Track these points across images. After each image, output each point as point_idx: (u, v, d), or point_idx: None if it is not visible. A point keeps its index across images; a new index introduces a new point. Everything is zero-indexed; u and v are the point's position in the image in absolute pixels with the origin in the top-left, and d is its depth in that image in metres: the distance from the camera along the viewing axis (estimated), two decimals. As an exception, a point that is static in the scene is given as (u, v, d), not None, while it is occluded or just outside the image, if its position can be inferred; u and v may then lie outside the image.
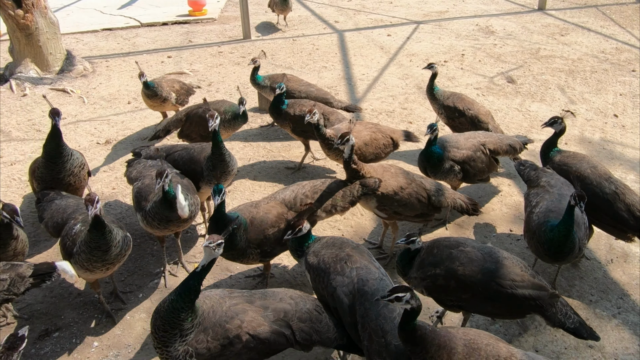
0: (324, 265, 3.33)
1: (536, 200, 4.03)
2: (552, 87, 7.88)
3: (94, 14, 11.99)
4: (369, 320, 3.04)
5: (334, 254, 3.38)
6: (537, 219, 3.83)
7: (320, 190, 4.14)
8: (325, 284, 3.28)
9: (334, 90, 7.85)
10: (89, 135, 6.70)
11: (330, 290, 3.23)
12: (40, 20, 7.95)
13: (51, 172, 4.37)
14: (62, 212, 3.97)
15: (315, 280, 3.36)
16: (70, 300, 4.14)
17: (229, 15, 11.97)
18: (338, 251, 3.41)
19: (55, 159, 4.35)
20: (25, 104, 7.48)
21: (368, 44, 9.87)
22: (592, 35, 10.09)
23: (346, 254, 3.37)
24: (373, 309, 3.06)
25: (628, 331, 3.79)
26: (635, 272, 4.35)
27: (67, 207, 4.03)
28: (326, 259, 3.36)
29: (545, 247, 3.70)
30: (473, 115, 5.58)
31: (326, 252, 3.41)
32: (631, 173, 5.69)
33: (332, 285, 3.22)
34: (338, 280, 3.23)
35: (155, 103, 6.35)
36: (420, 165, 4.85)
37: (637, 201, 4.10)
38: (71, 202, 4.14)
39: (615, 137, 6.46)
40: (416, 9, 12.32)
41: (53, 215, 3.98)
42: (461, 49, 9.56)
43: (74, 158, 4.46)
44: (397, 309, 2.97)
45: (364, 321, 3.06)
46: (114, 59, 9.30)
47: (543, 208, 3.89)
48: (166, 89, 6.34)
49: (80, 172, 4.53)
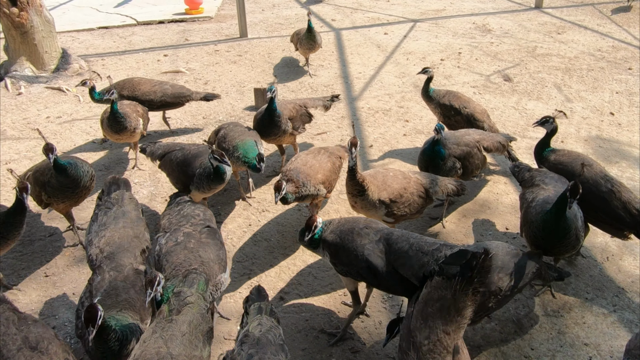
0: (347, 236, 3.48)
1: (532, 197, 4.03)
2: (548, 85, 7.88)
3: (89, 12, 11.94)
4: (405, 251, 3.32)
5: (351, 227, 3.54)
6: (534, 211, 3.85)
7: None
8: (352, 250, 3.41)
9: (331, 89, 7.84)
10: (85, 133, 6.67)
11: (360, 252, 3.39)
12: (35, 19, 7.91)
13: (64, 192, 4.34)
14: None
15: (339, 254, 3.48)
16: (65, 300, 4.12)
17: (226, 13, 11.94)
18: (354, 224, 3.56)
19: (69, 184, 4.31)
20: (21, 103, 7.45)
21: (365, 43, 9.86)
22: (589, 34, 10.09)
23: (364, 225, 3.55)
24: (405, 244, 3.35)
25: (624, 329, 3.79)
26: (630, 270, 4.35)
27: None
28: (345, 231, 3.51)
29: (540, 232, 3.71)
30: (469, 113, 5.59)
31: (344, 228, 3.55)
32: (627, 171, 5.69)
33: (360, 249, 3.40)
34: (364, 242, 3.42)
35: (124, 136, 5.51)
36: (422, 165, 4.84)
37: (633, 199, 4.10)
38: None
39: (611, 135, 6.47)
40: (413, 7, 12.30)
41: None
42: (458, 47, 9.56)
43: (84, 175, 4.38)
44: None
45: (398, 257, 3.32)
46: (110, 57, 9.26)
47: (540, 201, 3.91)
48: (133, 116, 5.50)
49: (92, 184, 4.52)
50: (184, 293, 2.99)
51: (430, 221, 4.97)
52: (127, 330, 3.00)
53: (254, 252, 4.64)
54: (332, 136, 6.56)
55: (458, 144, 4.82)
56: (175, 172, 4.58)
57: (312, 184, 4.36)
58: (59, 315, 3.97)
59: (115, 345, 2.89)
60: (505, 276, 3.33)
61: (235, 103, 7.47)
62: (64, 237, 4.84)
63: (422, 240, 3.40)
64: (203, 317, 2.93)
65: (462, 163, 4.78)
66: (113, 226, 3.68)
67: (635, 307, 3.99)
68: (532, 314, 3.93)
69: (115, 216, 3.76)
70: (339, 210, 5.16)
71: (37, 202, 4.51)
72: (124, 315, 3.09)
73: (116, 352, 2.90)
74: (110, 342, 2.88)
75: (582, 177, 4.18)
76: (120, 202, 3.94)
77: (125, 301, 3.14)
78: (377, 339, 3.74)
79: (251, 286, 4.22)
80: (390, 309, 4.00)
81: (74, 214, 4.75)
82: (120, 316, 3.07)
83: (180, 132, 6.66)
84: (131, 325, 3.03)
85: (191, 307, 2.90)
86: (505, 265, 3.37)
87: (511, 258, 3.44)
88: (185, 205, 4.00)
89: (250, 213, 5.15)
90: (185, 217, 3.83)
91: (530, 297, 4.08)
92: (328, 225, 3.65)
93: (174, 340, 2.66)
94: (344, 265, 3.47)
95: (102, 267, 3.36)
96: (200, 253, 3.45)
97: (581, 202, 4.12)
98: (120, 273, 3.32)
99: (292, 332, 3.81)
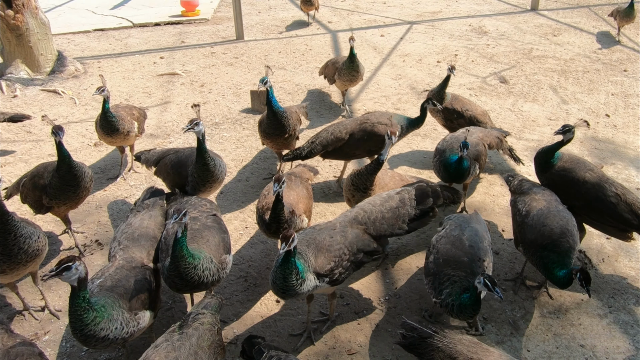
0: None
1: (525, 209, 4.03)
2: (544, 87, 7.91)
3: (85, 15, 11.92)
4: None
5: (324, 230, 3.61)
6: (531, 232, 3.83)
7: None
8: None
9: (327, 91, 7.85)
10: (80, 136, 6.65)
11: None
12: (30, 21, 7.89)
13: (66, 191, 4.28)
14: None
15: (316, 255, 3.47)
16: (60, 303, 4.10)
17: (222, 15, 11.94)
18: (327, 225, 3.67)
19: (71, 181, 4.25)
20: (16, 105, 7.42)
21: (361, 45, 9.87)
22: (585, 36, 10.13)
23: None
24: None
25: (619, 330, 3.80)
26: (626, 271, 4.36)
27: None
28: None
29: (541, 268, 3.73)
30: (472, 115, 5.64)
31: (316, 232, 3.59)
32: (623, 172, 5.72)
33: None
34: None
35: (118, 139, 5.41)
36: (447, 178, 4.75)
37: (637, 200, 4.12)
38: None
39: (607, 137, 6.49)
40: (409, 9, 12.33)
41: None
42: (454, 49, 9.58)
43: (85, 175, 4.36)
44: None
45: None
46: (105, 59, 9.24)
47: (535, 217, 3.89)
48: (127, 119, 5.42)
49: (91, 186, 4.49)
50: (197, 312, 3.16)
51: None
52: (106, 314, 3.06)
53: (250, 254, 4.63)
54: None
55: (471, 144, 4.79)
56: (171, 175, 4.56)
57: (296, 215, 4.05)
58: (54, 318, 3.94)
59: (87, 319, 2.97)
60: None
61: (231, 105, 7.47)
62: (60, 239, 4.82)
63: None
64: (212, 334, 3.04)
65: (478, 163, 4.81)
66: (137, 225, 3.85)
67: (630, 308, 4.00)
68: (528, 315, 3.94)
69: (142, 218, 3.93)
70: (335, 213, 5.16)
71: (35, 209, 4.41)
72: (113, 301, 3.14)
73: (88, 323, 2.97)
74: (82, 313, 2.96)
75: (588, 183, 4.18)
76: (151, 207, 4.10)
77: (122, 287, 3.24)
78: (373, 341, 3.74)
79: (248, 288, 4.22)
80: (386, 311, 4.00)
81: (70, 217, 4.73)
82: (107, 300, 3.13)
83: (176, 135, 6.65)
84: (113, 314, 3.10)
85: (202, 324, 3.04)
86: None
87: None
88: (192, 198, 4.23)
89: (246, 215, 5.14)
90: (193, 205, 4.08)
91: (527, 298, 4.08)
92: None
93: (182, 348, 2.82)
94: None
95: (115, 257, 3.54)
96: (205, 233, 3.67)
97: (588, 207, 4.16)
98: (129, 263, 3.45)
99: (288, 334, 3.81)
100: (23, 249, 3.53)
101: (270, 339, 3.76)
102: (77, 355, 3.66)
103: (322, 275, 3.39)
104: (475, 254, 3.57)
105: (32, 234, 3.61)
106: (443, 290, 3.41)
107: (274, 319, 3.96)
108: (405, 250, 4.65)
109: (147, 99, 7.67)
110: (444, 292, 3.41)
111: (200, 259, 3.39)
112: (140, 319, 3.24)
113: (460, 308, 3.32)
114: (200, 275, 3.38)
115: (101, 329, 3.01)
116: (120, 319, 3.11)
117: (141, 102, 7.49)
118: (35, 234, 3.64)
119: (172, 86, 8.12)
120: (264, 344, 3.10)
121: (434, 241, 3.80)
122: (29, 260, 3.61)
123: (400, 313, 3.96)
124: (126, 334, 3.14)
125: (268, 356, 2.98)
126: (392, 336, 3.75)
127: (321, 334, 3.81)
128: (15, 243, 3.49)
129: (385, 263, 4.48)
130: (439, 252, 3.63)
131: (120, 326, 3.09)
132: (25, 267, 3.65)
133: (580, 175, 4.25)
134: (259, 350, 3.04)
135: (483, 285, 3.16)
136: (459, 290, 3.36)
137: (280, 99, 7.56)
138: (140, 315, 3.24)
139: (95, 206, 5.27)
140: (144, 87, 8.07)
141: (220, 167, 4.45)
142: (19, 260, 3.54)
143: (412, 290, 4.19)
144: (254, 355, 3.06)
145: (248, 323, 3.91)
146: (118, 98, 7.64)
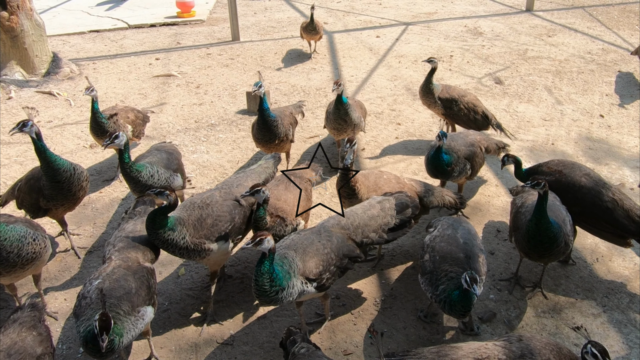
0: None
1: (521, 202, 4.08)
2: (539, 88, 7.95)
3: (80, 16, 11.89)
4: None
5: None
6: (523, 218, 3.88)
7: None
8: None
9: (323, 92, 7.86)
10: (76, 138, 6.64)
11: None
12: (25, 22, 7.87)
13: (59, 190, 4.23)
14: None
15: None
16: (57, 305, 4.10)
17: (218, 16, 11.93)
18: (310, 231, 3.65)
19: (56, 177, 4.17)
20: (11, 107, 7.40)
21: (357, 46, 9.89)
22: (579, 36, 10.19)
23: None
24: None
25: (613, 329, 3.83)
26: (620, 271, 4.39)
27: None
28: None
29: (526, 242, 3.76)
30: (468, 101, 5.89)
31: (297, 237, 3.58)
32: (617, 172, 5.75)
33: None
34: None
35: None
36: (430, 171, 4.82)
37: (634, 205, 4.11)
38: None
39: (601, 137, 6.53)
40: (405, 10, 12.36)
41: None
42: (450, 50, 9.61)
43: (78, 172, 4.33)
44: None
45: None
46: (101, 61, 9.23)
47: (528, 207, 3.93)
48: (120, 121, 5.47)
49: (87, 186, 4.48)
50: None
51: (422, 225, 4.98)
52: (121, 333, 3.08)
53: (246, 255, 4.63)
54: (323, 140, 6.56)
55: (465, 144, 4.85)
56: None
57: (290, 220, 4.02)
58: (50, 321, 3.94)
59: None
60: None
61: (227, 107, 7.47)
62: (56, 242, 4.81)
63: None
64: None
65: (471, 163, 4.82)
66: (131, 229, 3.86)
67: (624, 307, 4.03)
68: (523, 315, 3.96)
69: (135, 223, 3.95)
70: (331, 214, 5.16)
71: (32, 212, 4.37)
72: (119, 312, 3.14)
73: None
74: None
75: (584, 188, 4.17)
76: (142, 214, 4.11)
77: (122, 288, 3.24)
78: (369, 341, 3.75)
79: (244, 290, 4.23)
80: (382, 311, 4.01)
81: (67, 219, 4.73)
82: (116, 312, 3.13)
83: (172, 137, 6.64)
84: (125, 327, 3.11)
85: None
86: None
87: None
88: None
89: (242, 217, 5.14)
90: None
91: (522, 298, 4.11)
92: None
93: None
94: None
95: (111, 258, 3.55)
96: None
97: (584, 213, 4.15)
98: (125, 263, 3.47)
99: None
100: (13, 252, 3.49)
101: (266, 340, 3.77)
102: (73, 357, 3.66)
103: (310, 280, 3.40)
104: (470, 250, 3.61)
105: (23, 237, 3.55)
106: (439, 286, 3.46)
107: (270, 320, 3.96)
108: (400, 251, 4.67)
109: (142, 100, 7.67)
110: (439, 288, 3.45)
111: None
112: (144, 315, 3.29)
113: (451, 305, 3.37)
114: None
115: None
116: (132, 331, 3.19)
117: (137, 103, 7.48)
118: (30, 236, 3.61)
119: (168, 87, 8.11)
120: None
121: (428, 241, 3.82)
122: (25, 264, 3.59)
123: (396, 313, 3.98)
124: (135, 335, 3.22)
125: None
126: (388, 336, 3.77)
127: (317, 334, 3.82)
128: (2, 247, 3.45)
129: (381, 264, 4.50)
130: (435, 250, 3.65)
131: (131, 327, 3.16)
132: (24, 270, 3.63)
133: (576, 180, 4.23)
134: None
135: (464, 282, 3.21)
136: (453, 287, 3.39)
137: (276, 100, 7.58)
138: (142, 311, 3.28)
139: (91, 208, 5.27)
140: (139, 89, 8.06)
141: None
142: (12, 264, 3.52)
143: (408, 291, 4.21)
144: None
145: (244, 324, 3.92)
146: (113, 100, 7.63)
